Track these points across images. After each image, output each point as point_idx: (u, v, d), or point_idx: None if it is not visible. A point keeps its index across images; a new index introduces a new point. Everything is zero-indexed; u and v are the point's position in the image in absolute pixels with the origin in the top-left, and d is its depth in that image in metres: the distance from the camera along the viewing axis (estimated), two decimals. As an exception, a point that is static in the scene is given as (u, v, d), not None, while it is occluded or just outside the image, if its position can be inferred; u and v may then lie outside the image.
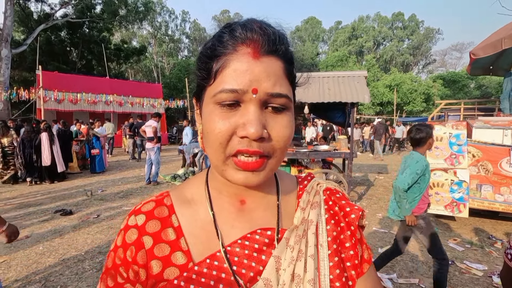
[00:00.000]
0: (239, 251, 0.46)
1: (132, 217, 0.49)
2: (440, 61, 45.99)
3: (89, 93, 13.88)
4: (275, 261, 0.45)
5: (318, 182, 0.55)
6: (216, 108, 0.41)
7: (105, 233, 3.93)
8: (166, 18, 38.11)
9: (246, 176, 0.41)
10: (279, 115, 0.42)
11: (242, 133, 0.39)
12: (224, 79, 0.40)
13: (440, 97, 26.26)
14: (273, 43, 0.41)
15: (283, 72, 0.42)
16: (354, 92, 5.04)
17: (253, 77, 0.39)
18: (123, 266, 0.46)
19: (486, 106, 8.16)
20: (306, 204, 0.51)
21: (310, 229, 0.48)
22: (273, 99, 0.40)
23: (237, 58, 0.40)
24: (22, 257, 3.22)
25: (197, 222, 0.48)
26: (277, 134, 0.41)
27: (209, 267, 0.45)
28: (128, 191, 6.28)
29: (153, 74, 32.21)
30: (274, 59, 0.41)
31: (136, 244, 0.46)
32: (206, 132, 0.42)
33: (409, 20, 42.77)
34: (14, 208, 5.05)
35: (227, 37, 0.41)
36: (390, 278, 2.78)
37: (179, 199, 0.51)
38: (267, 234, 0.48)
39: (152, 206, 0.49)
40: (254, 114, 0.39)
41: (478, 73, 6.94)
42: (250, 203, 0.50)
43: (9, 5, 12.72)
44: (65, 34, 19.90)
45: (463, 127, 4.13)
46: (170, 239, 0.46)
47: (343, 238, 0.49)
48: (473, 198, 4.03)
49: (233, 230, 0.48)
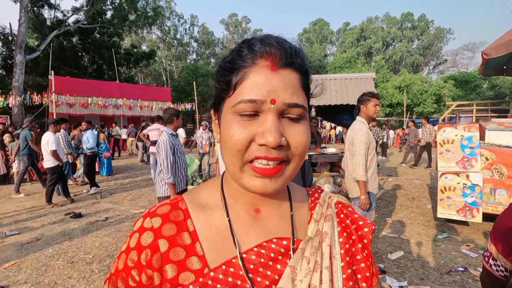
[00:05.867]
0: (255, 259, 0.46)
1: (148, 219, 0.48)
2: (452, 61, 45.12)
3: (99, 97, 14.17)
4: (291, 271, 0.45)
5: (330, 195, 0.57)
6: (236, 117, 0.43)
7: (113, 236, 3.96)
8: (175, 22, 38.70)
9: (264, 183, 0.42)
10: (296, 124, 0.44)
11: (261, 141, 0.41)
12: (243, 91, 0.42)
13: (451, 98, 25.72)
14: (290, 56, 0.43)
15: (299, 83, 0.44)
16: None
17: (271, 88, 0.41)
18: (136, 269, 0.45)
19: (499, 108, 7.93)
20: (319, 217, 0.52)
21: (325, 241, 0.49)
22: (290, 109, 0.43)
23: (256, 70, 0.42)
24: (32, 260, 3.28)
25: (212, 227, 0.48)
26: (295, 140, 0.43)
27: (224, 273, 0.44)
28: (136, 194, 6.34)
29: (162, 78, 32.65)
30: (290, 71, 0.44)
31: (152, 247, 0.45)
32: (225, 139, 0.44)
33: (418, 20, 42.19)
34: (25, 211, 5.16)
35: (246, 51, 0.44)
36: (400, 285, 2.70)
37: (193, 203, 0.51)
38: (283, 244, 0.48)
39: (168, 209, 0.49)
40: (272, 123, 0.41)
41: (491, 73, 6.75)
42: (264, 212, 0.51)
43: (23, 12, 13.11)
44: (77, 39, 20.40)
45: (475, 129, 4.01)
46: (185, 243, 0.46)
47: (355, 251, 0.50)
48: (487, 203, 3.91)
49: (247, 238, 0.48)
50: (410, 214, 4.76)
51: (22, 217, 4.81)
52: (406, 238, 3.78)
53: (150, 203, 5.61)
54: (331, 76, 5.62)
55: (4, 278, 2.89)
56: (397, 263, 3.13)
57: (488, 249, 1.00)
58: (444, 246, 3.54)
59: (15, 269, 3.07)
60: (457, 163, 4.01)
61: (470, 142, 3.97)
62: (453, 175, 4.00)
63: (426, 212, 4.84)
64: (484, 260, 1.00)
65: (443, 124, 4.50)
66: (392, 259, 3.19)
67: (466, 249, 3.45)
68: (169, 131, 3.15)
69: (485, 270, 1.00)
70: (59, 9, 18.61)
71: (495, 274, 0.95)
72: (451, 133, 4.07)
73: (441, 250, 3.43)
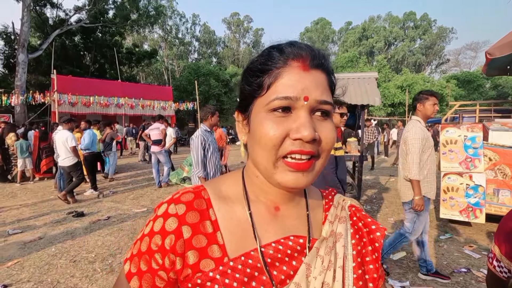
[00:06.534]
0: (273, 253, 0.48)
1: (172, 206, 0.49)
2: (454, 61, 44.87)
3: (101, 96, 14.18)
4: (306, 268, 0.48)
5: (344, 198, 0.59)
6: (269, 115, 0.45)
7: (115, 235, 3.97)
8: (177, 21, 38.64)
9: (297, 177, 0.44)
10: (325, 121, 0.47)
11: (296, 135, 0.43)
12: (277, 89, 0.45)
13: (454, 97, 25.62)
14: (319, 59, 0.47)
15: (327, 83, 0.48)
16: (364, 94, 4.96)
17: (304, 86, 0.44)
18: (160, 253, 0.47)
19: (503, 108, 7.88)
20: (334, 218, 0.55)
21: (339, 242, 0.51)
22: (321, 106, 0.45)
23: (289, 71, 0.45)
24: (35, 258, 3.29)
25: (233, 219, 0.50)
26: (326, 136, 0.46)
27: (243, 264, 0.46)
28: (138, 194, 6.35)
29: (163, 77, 32.69)
30: (320, 72, 0.47)
31: (176, 233, 0.47)
32: (259, 136, 0.45)
33: (421, 20, 42.01)
34: (28, 210, 5.18)
35: (277, 54, 0.46)
36: (402, 286, 2.69)
37: (215, 194, 0.52)
38: (299, 242, 0.51)
39: (192, 197, 0.50)
40: (306, 118, 0.44)
41: (495, 73, 6.72)
42: (283, 210, 0.53)
43: (26, 11, 13.15)
44: (79, 38, 20.44)
45: (478, 129, 3.99)
46: (207, 231, 0.48)
47: (365, 253, 0.52)
48: (490, 203, 3.89)
49: (266, 234, 0.50)
50: (413, 215, 4.73)
51: (25, 215, 4.83)
52: (408, 239, 3.76)
53: (152, 202, 5.62)
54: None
55: (8, 276, 2.90)
56: (400, 263, 3.12)
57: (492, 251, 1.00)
58: (447, 247, 3.52)
59: (18, 268, 3.08)
60: (460, 164, 3.99)
61: (473, 142, 3.94)
62: (456, 175, 3.98)
63: (429, 212, 4.82)
64: (489, 261, 1.01)
65: (446, 124, 4.48)
66: (395, 260, 3.19)
67: (469, 250, 3.44)
68: (204, 127, 3.31)
69: (490, 271, 1.01)
70: (61, 8, 18.66)
71: (499, 275, 0.96)
72: (454, 133, 4.05)
73: (443, 251, 3.42)
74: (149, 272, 0.47)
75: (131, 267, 0.49)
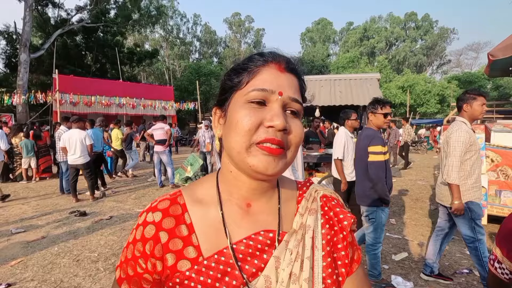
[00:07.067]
0: (244, 249, 0.51)
1: (150, 214, 0.54)
2: (455, 62, 44.74)
3: (103, 96, 14.19)
4: (275, 261, 0.51)
5: (316, 189, 0.61)
6: (246, 105, 0.49)
7: (117, 234, 3.99)
8: (178, 21, 38.65)
9: (268, 162, 0.47)
10: (294, 118, 0.51)
11: (269, 123, 0.47)
12: (255, 83, 0.50)
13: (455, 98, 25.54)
14: (293, 64, 0.53)
15: (298, 86, 0.53)
16: (366, 95, 4.97)
17: (280, 83, 0.50)
18: (143, 258, 0.52)
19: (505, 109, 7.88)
20: (304, 210, 0.57)
21: (307, 234, 0.53)
22: (292, 103, 0.50)
23: (267, 70, 0.51)
24: (38, 258, 3.31)
25: (207, 220, 0.54)
26: (295, 130, 0.50)
27: (217, 262, 0.50)
28: (140, 193, 6.37)
29: (164, 77, 32.70)
30: (293, 76, 0.53)
31: (154, 239, 0.51)
32: (235, 122, 0.49)
33: (422, 20, 41.96)
34: (31, 209, 5.20)
35: (258, 57, 0.52)
36: (405, 286, 2.70)
37: (191, 198, 0.56)
38: (269, 236, 0.53)
39: (168, 204, 0.54)
40: (279, 110, 0.48)
41: (497, 74, 6.73)
42: (255, 206, 0.56)
43: (28, 11, 13.18)
44: (81, 38, 20.45)
45: (481, 130, 3.99)
46: (183, 235, 0.52)
47: (336, 241, 0.55)
48: (492, 205, 3.89)
49: (239, 230, 0.53)
50: (414, 215, 4.74)
51: (28, 215, 4.85)
52: (410, 240, 3.77)
53: (154, 202, 5.63)
54: (335, 77, 5.62)
55: (11, 275, 2.92)
56: (402, 264, 3.12)
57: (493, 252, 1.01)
58: (449, 248, 3.52)
59: (21, 267, 3.10)
60: (462, 165, 3.99)
61: (475, 143, 3.95)
62: (458, 176, 3.97)
63: (430, 213, 4.83)
64: (490, 263, 1.01)
65: (448, 125, 4.48)
66: (397, 260, 3.19)
67: (471, 251, 3.44)
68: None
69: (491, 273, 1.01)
70: (63, 8, 18.70)
71: (500, 277, 0.96)
72: (456, 135, 4.04)
73: (445, 252, 3.41)
74: (136, 276, 0.52)
75: (121, 273, 0.54)
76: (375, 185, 2.47)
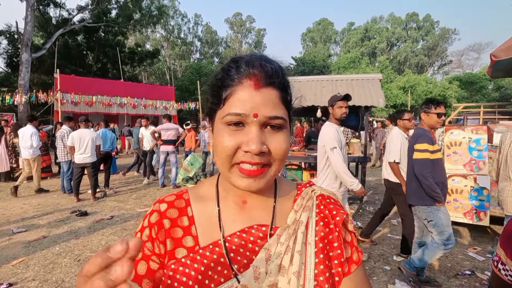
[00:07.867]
0: (237, 241, 0.55)
1: (157, 204, 0.60)
2: (457, 62, 44.63)
3: (104, 96, 14.20)
4: (265, 253, 0.53)
5: (313, 189, 0.63)
6: (225, 127, 0.51)
7: (118, 234, 3.98)
8: (179, 21, 38.71)
9: (248, 182, 0.50)
10: (276, 133, 0.52)
11: (245, 148, 0.49)
12: (231, 105, 0.50)
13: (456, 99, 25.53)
14: (270, 77, 0.51)
15: (278, 99, 0.52)
16: (368, 96, 4.95)
17: (254, 104, 0.49)
18: (150, 242, 0.56)
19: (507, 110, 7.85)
20: (299, 207, 0.59)
21: (300, 229, 0.55)
22: (271, 121, 0.50)
23: (241, 89, 0.50)
24: (40, 257, 3.31)
25: (206, 214, 0.59)
26: (275, 147, 0.51)
27: (211, 252, 0.54)
28: (141, 193, 6.37)
29: (165, 77, 32.73)
30: (271, 89, 0.51)
31: (158, 224, 0.57)
32: (216, 145, 0.52)
33: (423, 21, 41.91)
34: (32, 209, 5.20)
35: (234, 71, 0.51)
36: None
37: (194, 195, 0.62)
38: (262, 230, 0.56)
39: (173, 198, 0.61)
40: (255, 133, 0.49)
41: (499, 75, 6.69)
42: (250, 203, 0.59)
43: (30, 11, 13.19)
44: (82, 38, 20.47)
45: (483, 131, 3.98)
46: (184, 225, 0.57)
47: (332, 238, 0.56)
48: (495, 206, 3.87)
49: (234, 224, 0.57)
50: (416, 216, 4.71)
51: (29, 214, 4.85)
52: (412, 241, 3.75)
53: (154, 202, 5.63)
54: (336, 77, 5.60)
55: (13, 275, 2.92)
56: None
57: (497, 254, 1.00)
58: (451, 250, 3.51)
59: (22, 267, 3.09)
60: (464, 166, 3.98)
61: (478, 144, 3.94)
62: (461, 177, 3.97)
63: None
64: (493, 264, 1.01)
65: (450, 126, 4.47)
66: (398, 261, 3.18)
67: (473, 253, 3.43)
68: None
69: (494, 274, 1.00)
70: (65, 7, 18.71)
71: (504, 279, 0.96)
72: (459, 135, 4.04)
73: (447, 253, 3.40)
74: (144, 258, 0.56)
75: None
76: (421, 183, 2.48)
